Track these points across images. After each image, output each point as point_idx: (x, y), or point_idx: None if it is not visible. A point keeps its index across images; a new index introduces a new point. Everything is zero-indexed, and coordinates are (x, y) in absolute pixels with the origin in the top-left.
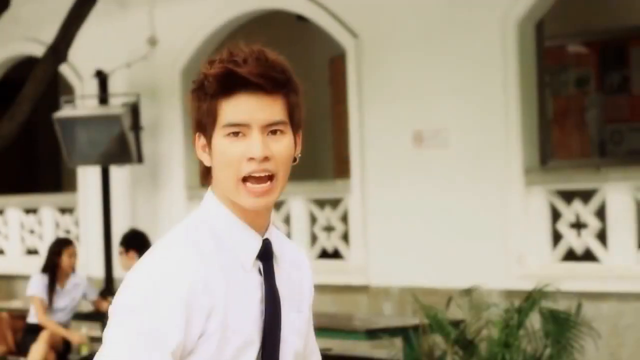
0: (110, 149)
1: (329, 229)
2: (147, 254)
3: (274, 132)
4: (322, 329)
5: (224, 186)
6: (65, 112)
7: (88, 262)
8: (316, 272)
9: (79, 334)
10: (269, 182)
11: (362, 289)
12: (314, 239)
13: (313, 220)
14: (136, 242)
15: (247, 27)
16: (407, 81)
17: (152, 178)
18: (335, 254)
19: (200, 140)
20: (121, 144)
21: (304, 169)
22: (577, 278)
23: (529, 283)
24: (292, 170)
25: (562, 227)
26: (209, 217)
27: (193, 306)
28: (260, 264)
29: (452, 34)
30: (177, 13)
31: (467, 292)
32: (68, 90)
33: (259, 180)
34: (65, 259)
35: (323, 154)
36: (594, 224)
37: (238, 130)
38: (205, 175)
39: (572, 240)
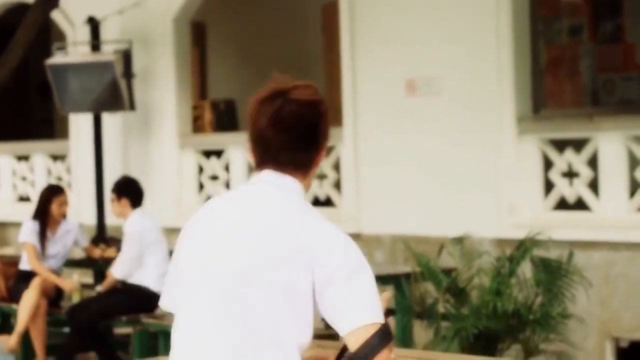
0: (102, 96)
1: (321, 176)
2: (315, 220)
3: None
4: None
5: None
6: (57, 58)
7: (80, 209)
8: None
9: (70, 280)
10: None
11: (354, 237)
12: None
13: None
14: (128, 190)
15: None
16: (400, 29)
17: (144, 125)
18: (327, 202)
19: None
20: (113, 91)
21: None
22: (568, 227)
23: (521, 232)
24: None
25: (554, 176)
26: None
27: None
28: None
29: None
30: None
31: (459, 240)
32: (60, 37)
33: None
34: (55, 207)
35: None
36: (586, 173)
37: None
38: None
39: (564, 189)
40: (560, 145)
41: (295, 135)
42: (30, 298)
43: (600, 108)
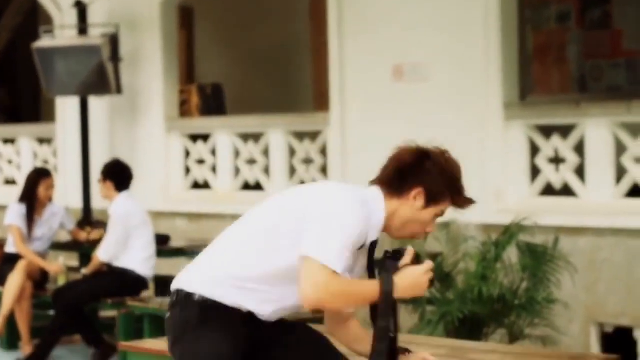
0: (89, 79)
1: (307, 161)
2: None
3: None
4: None
5: (406, 224)
6: (44, 42)
7: (66, 193)
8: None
9: (56, 263)
10: None
11: None
12: (292, 171)
13: (292, 152)
14: (113, 172)
15: None
16: (388, 15)
17: (130, 109)
18: None
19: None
20: (100, 75)
21: (284, 102)
22: (554, 212)
23: (507, 217)
24: (271, 103)
25: (541, 162)
26: (375, 204)
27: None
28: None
29: None
30: None
31: (445, 225)
32: (47, 20)
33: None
34: (42, 190)
35: (303, 87)
36: (572, 159)
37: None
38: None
39: (551, 175)
40: (547, 131)
41: None
42: (15, 281)
43: (587, 94)
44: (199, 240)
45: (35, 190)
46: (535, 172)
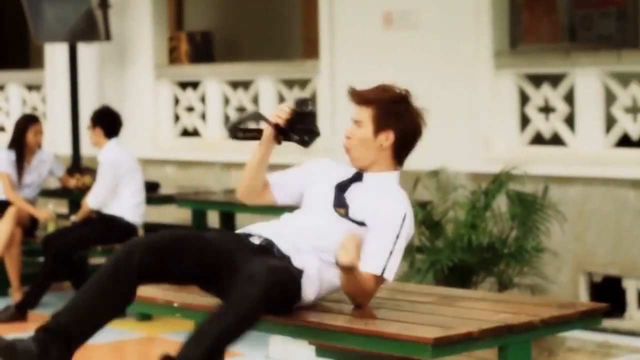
0: (78, 26)
1: None
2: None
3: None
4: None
5: None
6: None
7: (55, 140)
8: (283, 152)
9: (45, 210)
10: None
11: None
12: None
13: (281, 100)
14: (102, 119)
15: None
16: None
17: (120, 56)
18: None
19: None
20: (89, 21)
21: (273, 49)
22: (544, 162)
23: (496, 166)
24: (260, 50)
25: (531, 110)
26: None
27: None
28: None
29: None
30: None
31: (434, 173)
32: None
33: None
34: (30, 136)
35: (292, 34)
36: (562, 108)
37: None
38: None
39: (540, 124)
40: (536, 80)
41: None
42: (4, 227)
43: (577, 44)
44: (188, 187)
45: (24, 136)
46: (524, 121)
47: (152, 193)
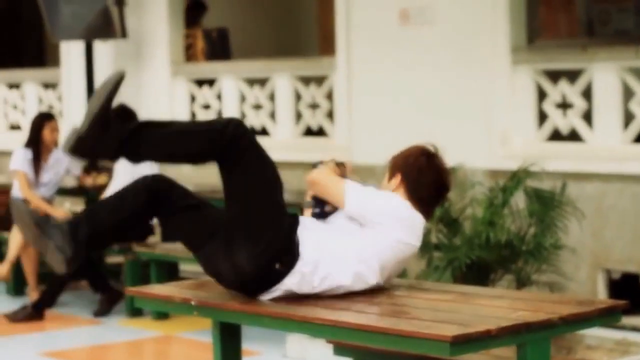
0: (94, 23)
1: (314, 106)
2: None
3: None
4: None
5: None
6: None
7: None
8: (300, 150)
9: (62, 209)
10: None
11: None
12: (298, 116)
13: (298, 97)
14: (120, 118)
15: None
16: None
17: (136, 53)
18: (320, 132)
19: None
20: (105, 19)
21: (289, 46)
22: (561, 158)
23: (514, 163)
24: (277, 47)
25: (548, 106)
26: None
27: None
28: None
29: None
30: None
31: (452, 170)
32: None
33: None
34: (47, 134)
35: (308, 31)
36: (579, 104)
37: None
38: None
39: (558, 120)
40: (554, 76)
41: None
42: None
43: (594, 39)
44: (205, 185)
45: (40, 133)
46: (542, 117)
47: None
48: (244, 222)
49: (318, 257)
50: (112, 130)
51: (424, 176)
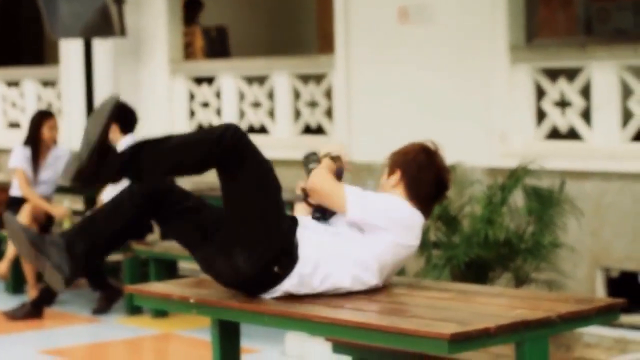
0: (92, 21)
1: (312, 104)
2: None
3: None
4: None
5: None
6: None
7: (70, 136)
8: (299, 148)
9: (61, 207)
10: None
11: None
12: (297, 114)
13: (297, 95)
14: (119, 115)
15: None
16: None
17: (135, 52)
18: (319, 130)
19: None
20: (104, 17)
21: (288, 44)
22: (560, 156)
23: (512, 161)
24: (276, 45)
25: (547, 105)
26: None
27: None
28: None
29: None
30: None
31: (451, 168)
32: None
33: None
34: (46, 131)
35: (307, 29)
36: (578, 102)
37: None
38: None
39: (556, 118)
40: (552, 74)
41: None
42: None
43: (593, 37)
44: (203, 183)
45: (39, 131)
46: (541, 115)
47: None
48: (242, 225)
49: (318, 256)
50: (112, 155)
51: (423, 173)
